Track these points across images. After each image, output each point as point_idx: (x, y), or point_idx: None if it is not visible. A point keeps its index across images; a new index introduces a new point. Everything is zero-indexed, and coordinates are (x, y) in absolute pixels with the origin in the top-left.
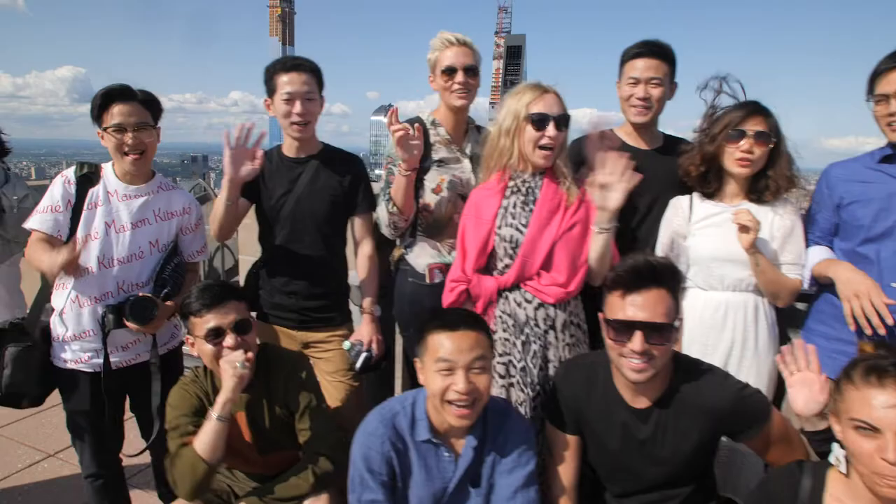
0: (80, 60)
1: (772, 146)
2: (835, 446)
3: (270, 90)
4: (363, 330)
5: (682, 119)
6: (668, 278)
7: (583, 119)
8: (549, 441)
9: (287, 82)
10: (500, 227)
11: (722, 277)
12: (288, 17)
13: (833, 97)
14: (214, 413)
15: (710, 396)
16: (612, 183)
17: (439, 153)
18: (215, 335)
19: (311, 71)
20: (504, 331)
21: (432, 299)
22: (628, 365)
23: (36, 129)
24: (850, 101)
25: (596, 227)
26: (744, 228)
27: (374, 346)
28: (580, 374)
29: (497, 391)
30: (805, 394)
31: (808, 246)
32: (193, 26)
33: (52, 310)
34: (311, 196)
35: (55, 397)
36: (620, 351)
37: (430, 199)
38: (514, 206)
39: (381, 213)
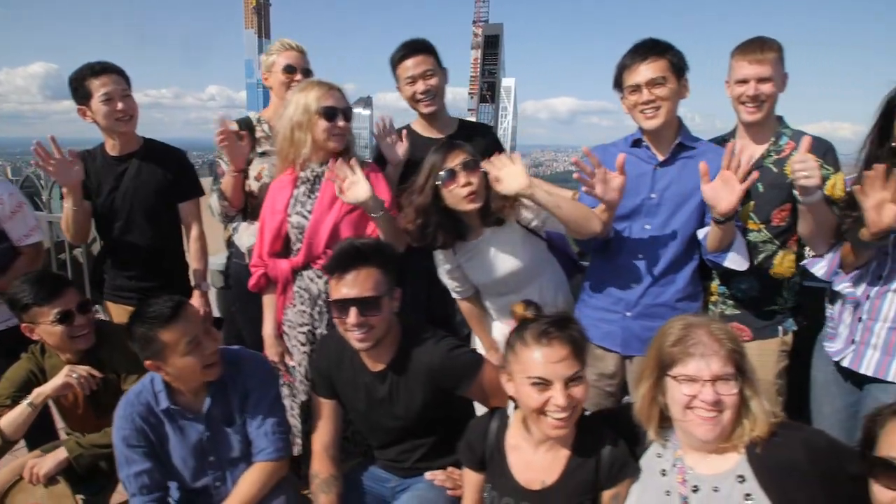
0: (51, 56)
1: (482, 171)
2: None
3: (83, 97)
4: (193, 303)
5: None
6: (373, 256)
7: (562, 107)
8: (312, 405)
9: (101, 85)
10: (290, 216)
11: (507, 302)
12: (263, 8)
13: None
14: (29, 399)
15: (426, 357)
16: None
17: (263, 146)
18: (64, 318)
19: (119, 72)
20: (302, 304)
21: None
22: (352, 337)
23: (9, 128)
24: (819, 88)
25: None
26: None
27: None
28: (332, 347)
29: (299, 357)
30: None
31: None
32: (169, 20)
33: None
34: (136, 190)
35: None
36: (344, 326)
37: (253, 185)
38: (303, 195)
39: (214, 203)
